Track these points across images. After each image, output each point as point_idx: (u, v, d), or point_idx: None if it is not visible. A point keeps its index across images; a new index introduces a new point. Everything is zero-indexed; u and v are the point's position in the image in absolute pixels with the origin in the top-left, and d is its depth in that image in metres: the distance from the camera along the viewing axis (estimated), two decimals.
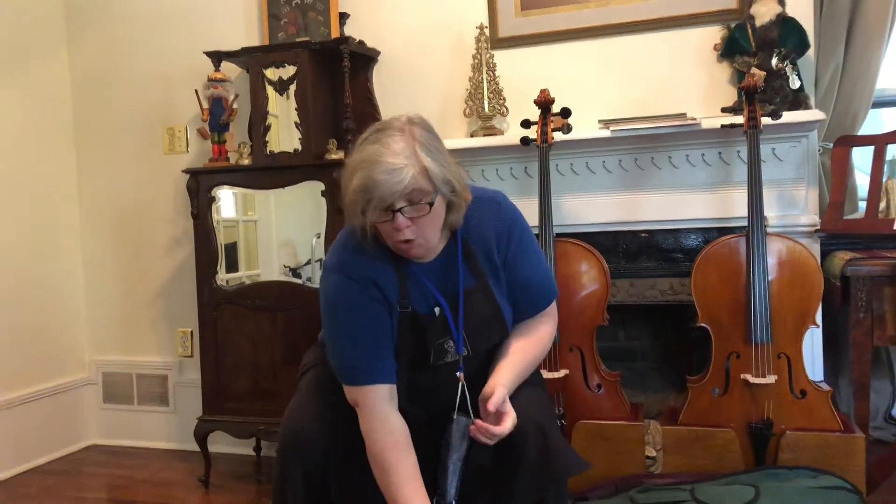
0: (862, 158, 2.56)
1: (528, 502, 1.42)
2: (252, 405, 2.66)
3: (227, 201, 2.97)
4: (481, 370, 1.56)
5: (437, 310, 1.53)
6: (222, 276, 2.80)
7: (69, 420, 3.17)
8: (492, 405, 1.41)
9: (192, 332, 3.06)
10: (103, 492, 2.72)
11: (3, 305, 2.92)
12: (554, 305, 1.68)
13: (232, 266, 2.94)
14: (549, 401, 1.65)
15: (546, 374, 2.23)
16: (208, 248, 2.75)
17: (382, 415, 1.46)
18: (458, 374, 1.52)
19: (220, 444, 2.92)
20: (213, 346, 2.72)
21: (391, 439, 1.44)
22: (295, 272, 2.89)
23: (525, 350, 1.58)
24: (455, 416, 1.51)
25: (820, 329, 2.22)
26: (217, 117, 2.82)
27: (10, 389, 2.92)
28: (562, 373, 2.25)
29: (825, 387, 2.14)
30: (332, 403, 1.52)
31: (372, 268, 1.51)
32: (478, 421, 1.43)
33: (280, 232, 3.03)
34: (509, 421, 1.42)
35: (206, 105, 2.83)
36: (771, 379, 2.09)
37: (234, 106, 2.83)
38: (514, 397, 1.49)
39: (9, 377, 2.92)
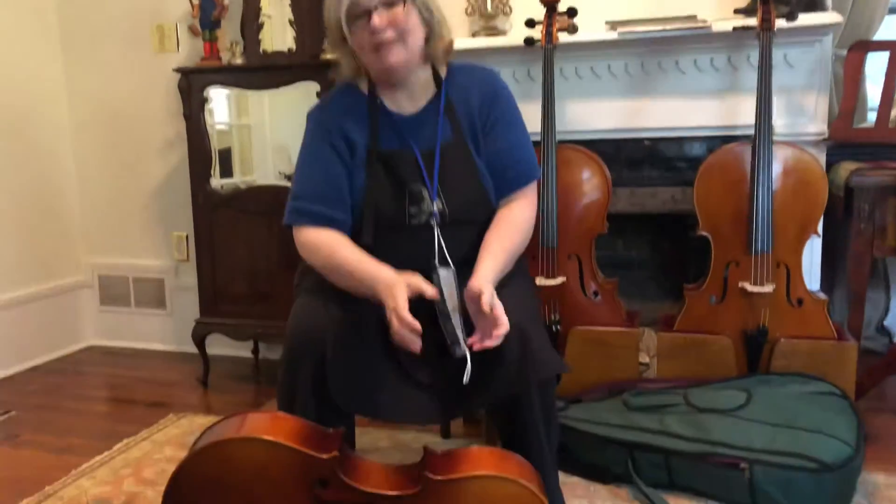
0: (872, 69, 2.49)
1: (508, 393, 1.43)
2: (249, 308, 2.68)
3: (220, 105, 2.89)
4: (457, 239, 1.57)
5: (407, 153, 1.57)
6: (217, 182, 2.76)
7: (67, 321, 3.19)
8: (486, 304, 1.39)
9: (187, 236, 3.05)
10: (103, 390, 2.77)
11: None
12: (534, 189, 1.67)
13: (226, 172, 2.89)
14: (535, 300, 1.65)
15: (543, 281, 2.23)
16: (202, 151, 2.70)
17: (317, 235, 1.54)
18: (431, 221, 1.55)
19: (218, 346, 2.95)
20: (209, 250, 2.71)
21: (330, 244, 1.52)
22: (290, 178, 2.85)
23: (502, 240, 1.57)
24: (436, 264, 1.53)
25: (820, 238, 2.21)
26: (208, 13, 2.71)
27: (7, 290, 2.92)
28: (559, 280, 2.25)
29: (821, 296, 2.15)
30: (337, 304, 1.51)
31: (345, 113, 1.60)
32: (473, 342, 1.41)
33: (275, 137, 2.98)
34: (502, 318, 1.39)
35: (196, 0, 2.72)
36: (769, 287, 2.10)
37: (226, 2, 2.72)
38: (498, 297, 1.48)
39: (6, 278, 2.92)
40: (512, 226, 1.60)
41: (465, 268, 1.53)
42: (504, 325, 1.39)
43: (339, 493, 1.27)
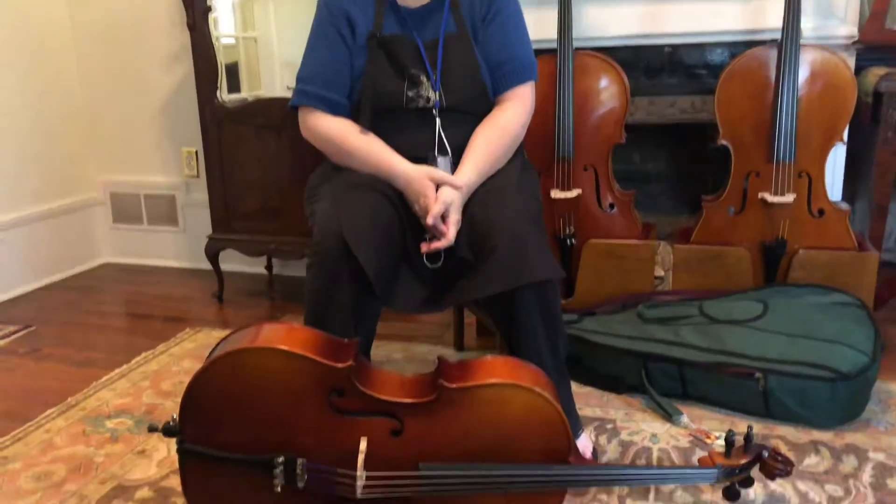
0: None
1: (498, 289, 1.42)
2: (261, 224, 2.66)
3: (225, 16, 2.81)
4: (455, 128, 1.60)
5: (409, 40, 1.61)
6: (225, 97, 2.70)
7: (82, 239, 3.20)
8: (432, 217, 1.46)
9: (196, 152, 3.01)
10: (121, 306, 2.80)
11: (5, 126, 2.85)
12: (528, 91, 1.67)
13: (234, 87, 2.83)
14: (537, 201, 1.65)
15: (558, 194, 2.19)
16: (207, 62, 2.62)
17: (328, 120, 1.61)
18: (433, 111, 1.59)
19: (232, 262, 2.96)
20: (218, 166, 2.68)
21: (344, 130, 1.59)
22: None
23: (488, 144, 1.59)
24: (434, 155, 1.57)
25: (845, 146, 2.15)
26: None
27: (20, 208, 2.92)
28: (574, 192, 2.21)
29: (844, 206, 2.10)
30: (352, 204, 1.49)
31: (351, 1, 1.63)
32: (423, 245, 1.49)
33: (282, 51, 2.90)
34: (452, 227, 1.48)
35: None
36: (789, 198, 2.05)
37: None
38: (500, 202, 1.49)
39: (19, 196, 2.91)
40: (499, 129, 1.61)
41: (460, 156, 1.58)
42: (446, 241, 1.46)
43: (355, 402, 1.28)
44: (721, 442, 1.65)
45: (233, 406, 1.27)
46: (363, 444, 1.26)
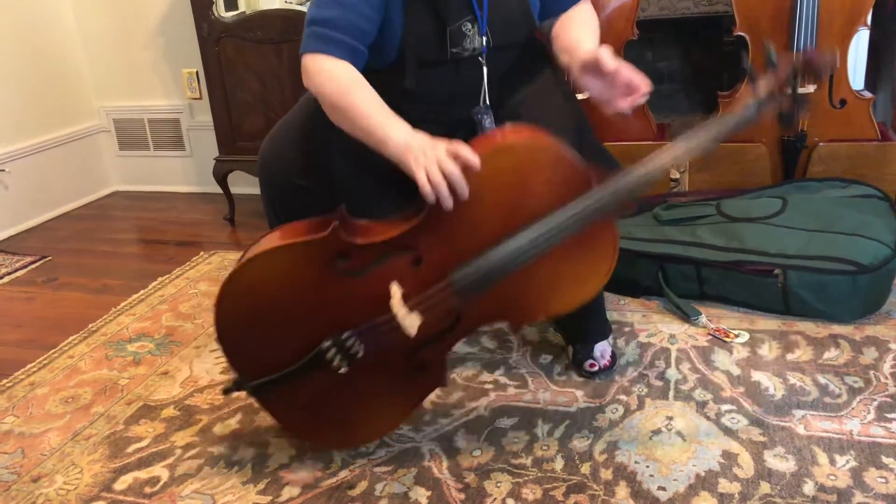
0: None
1: None
2: None
3: None
4: (497, 67, 1.46)
5: None
6: (222, 13, 2.61)
7: (89, 168, 3.17)
8: (608, 61, 1.27)
9: (197, 73, 2.94)
10: (133, 233, 2.79)
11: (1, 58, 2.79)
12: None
13: (231, 5, 2.73)
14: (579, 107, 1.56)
15: None
16: None
17: (338, 66, 1.31)
18: (480, 58, 1.42)
19: (241, 185, 2.93)
20: (220, 85, 2.61)
21: (349, 80, 1.30)
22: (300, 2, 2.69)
23: (587, 26, 1.47)
24: (481, 112, 1.45)
25: (868, 31, 2.05)
26: None
27: (23, 139, 2.88)
28: (585, 93, 2.13)
29: (866, 95, 2.03)
30: (324, 123, 1.41)
31: None
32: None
33: None
34: (635, 76, 1.29)
35: None
36: (810, 88, 1.97)
37: None
38: (545, 105, 1.43)
39: (22, 127, 2.86)
40: (586, 14, 1.51)
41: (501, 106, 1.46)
42: (645, 82, 1.29)
43: (361, 256, 1.24)
44: (741, 339, 1.65)
45: (261, 322, 1.26)
46: (394, 288, 1.23)
